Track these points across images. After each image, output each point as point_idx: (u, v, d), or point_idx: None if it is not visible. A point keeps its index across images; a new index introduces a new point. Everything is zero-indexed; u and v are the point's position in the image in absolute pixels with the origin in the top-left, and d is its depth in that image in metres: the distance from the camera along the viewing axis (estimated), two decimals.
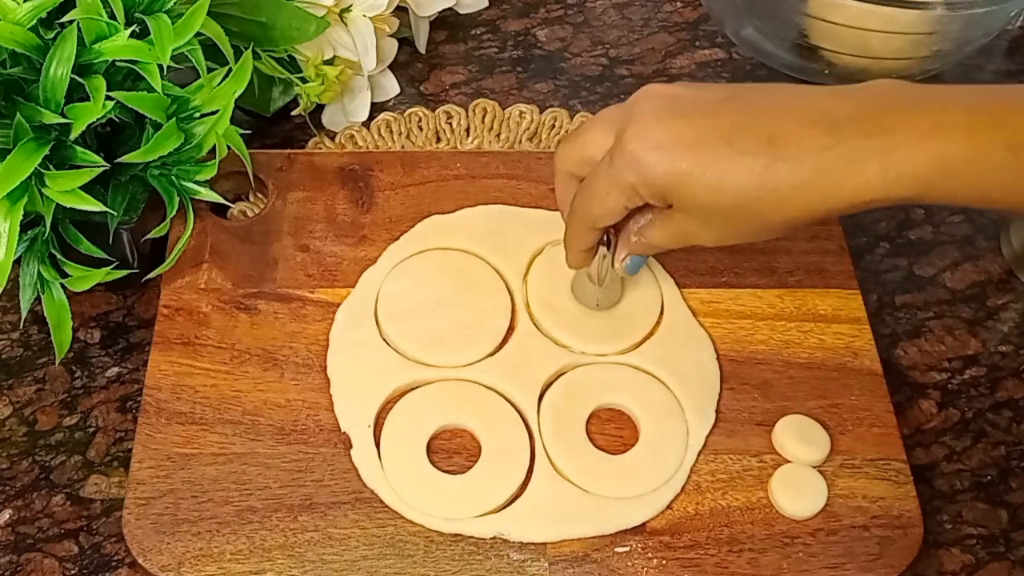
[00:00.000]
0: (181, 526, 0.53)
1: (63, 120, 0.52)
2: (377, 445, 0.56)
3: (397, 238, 0.64)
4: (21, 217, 0.52)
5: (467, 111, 0.74)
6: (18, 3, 0.53)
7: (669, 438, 0.57)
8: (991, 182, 0.45)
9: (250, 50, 0.59)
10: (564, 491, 0.55)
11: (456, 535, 0.53)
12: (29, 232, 0.56)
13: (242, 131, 0.60)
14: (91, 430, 0.59)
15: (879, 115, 0.46)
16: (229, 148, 0.59)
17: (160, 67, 0.54)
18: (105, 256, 0.57)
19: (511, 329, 0.61)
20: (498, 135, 0.73)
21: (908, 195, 0.46)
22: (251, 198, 0.67)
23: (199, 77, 0.57)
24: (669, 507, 0.55)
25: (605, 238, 0.56)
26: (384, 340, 0.60)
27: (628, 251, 0.56)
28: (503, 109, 0.74)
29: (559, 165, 0.56)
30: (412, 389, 0.58)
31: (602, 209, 0.53)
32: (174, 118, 0.56)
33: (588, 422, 0.57)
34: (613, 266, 0.57)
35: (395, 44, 0.75)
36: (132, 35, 0.54)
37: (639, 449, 0.57)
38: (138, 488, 0.54)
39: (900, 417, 0.59)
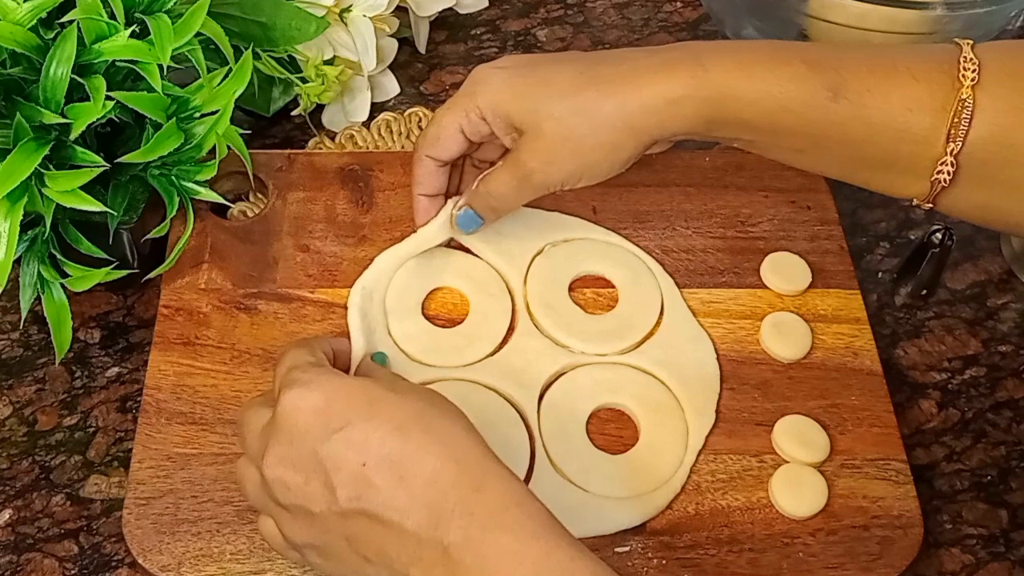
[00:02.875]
0: (181, 526, 0.53)
1: (63, 120, 0.52)
2: None
3: (398, 238, 0.64)
4: (21, 217, 0.52)
5: None
6: (18, 3, 0.53)
7: (669, 438, 0.57)
8: (790, 93, 0.50)
9: (250, 50, 0.59)
10: (564, 491, 0.55)
11: None
12: (29, 232, 0.56)
13: (242, 131, 0.60)
14: (91, 430, 0.59)
15: (689, 46, 0.55)
16: (229, 148, 0.59)
17: (160, 67, 0.54)
18: (105, 256, 0.57)
19: (511, 329, 0.61)
20: None
21: (717, 95, 0.51)
22: (251, 198, 0.67)
23: (199, 77, 0.57)
24: (669, 507, 0.55)
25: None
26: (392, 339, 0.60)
27: (467, 200, 0.58)
28: None
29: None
30: None
31: (439, 129, 0.55)
32: (174, 118, 0.56)
33: (588, 422, 0.57)
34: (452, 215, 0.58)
35: (395, 44, 0.75)
36: (132, 35, 0.54)
37: (639, 449, 0.57)
38: (138, 488, 0.54)
39: (900, 417, 0.59)
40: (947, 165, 0.50)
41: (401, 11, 0.74)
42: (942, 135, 0.49)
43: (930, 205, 0.53)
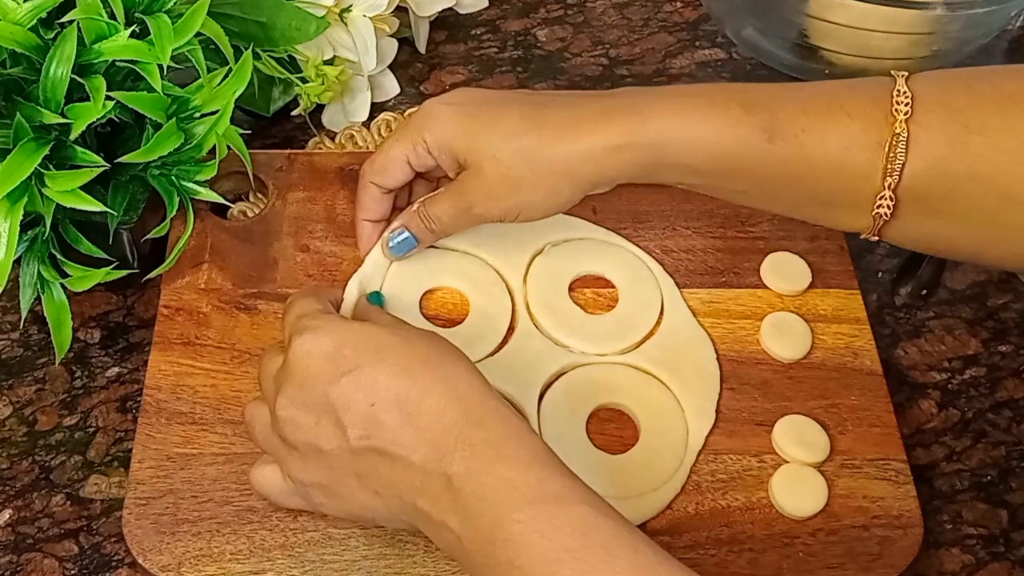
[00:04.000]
0: (181, 526, 0.53)
1: (63, 120, 0.52)
2: None
3: None
4: (21, 217, 0.52)
5: None
6: (18, 3, 0.53)
7: (669, 438, 0.57)
8: (727, 138, 0.52)
9: (250, 50, 0.59)
10: None
11: None
12: (29, 232, 0.56)
13: (242, 131, 0.60)
14: (91, 430, 0.59)
15: (631, 93, 0.56)
16: (229, 148, 0.59)
17: (160, 67, 0.54)
18: (105, 256, 0.57)
19: (511, 329, 0.61)
20: None
21: (656, 142, 0.53)
22: (251, 198, 0.67)
23: (199, 77, 0.57)
24: (669, 507, 0.55)
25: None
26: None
27: (404, 222, 0.59)
28: None
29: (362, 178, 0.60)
30: None
31: (385, 158, 0.57)
32: (174, 118, 0.56)
33: (588, 422, 0.57)
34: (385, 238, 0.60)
35: (395, 44, 0.75)
36: (132, 35, 0.54)
37: (639, 449, 0.57)
38: (138, 488, 0.54)
39: (900, 417, 0.59)
40: (886, 199, 0.51)
41: (401, 11, 0.74)
42: (879, 170, 0.50)
43: (876, 237, 0.54)
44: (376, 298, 0.59)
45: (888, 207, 0.51)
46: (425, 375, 0.46)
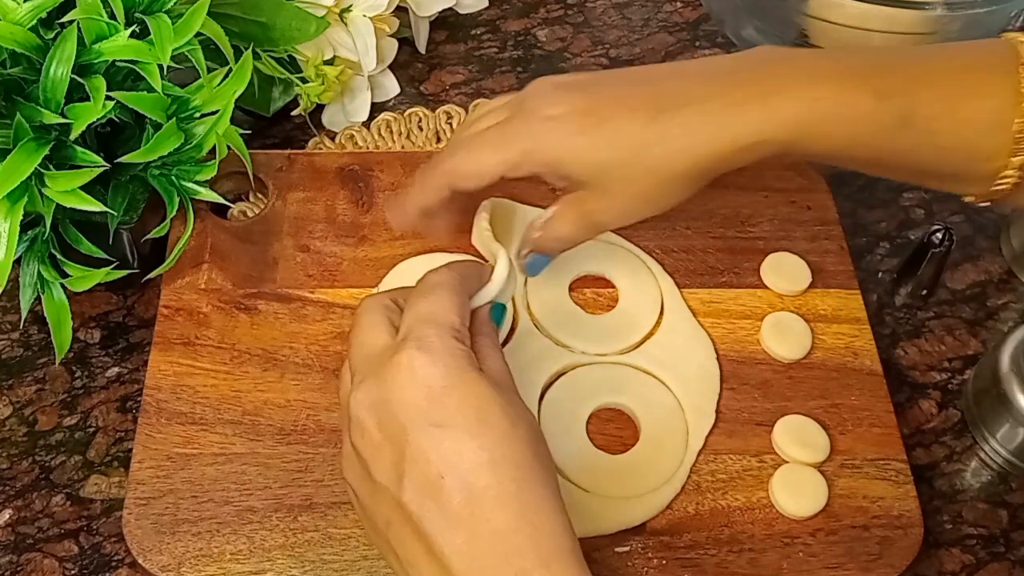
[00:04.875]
0: (181, 526, 0.53)
1: (63, 120, 0.52)
2: None
3: (397, 239, 0.64)
4: (21, 217, 0.52)
5: (467, 111, 0.74)
6: (18, 3, 0.53)
7: (669, 438, 0.57)
8: (859, 128, 0.49)
9: (250, 50, 0.59)
10: (564, 491, 0.54)
11: None
12: (29, 232, 0.56)
13: (242, 131, 0.60)
14: (91, 430, 0.59)
15: (754, 68, 0.50)
16: (229, 148, 0.59)
17: (160, 67, 0.54)
18: (105, 256, 0.57)
19: (512, 329, 0.60)
20: None
21: (787, 138, 0.49)
22: (251, 198, 0.67)
23: (199, 77, 0.57)
24: (669, 507, 0.55)
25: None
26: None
27: (531, 247, 0.55)
28: None
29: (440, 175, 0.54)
30: None
31: (477, 168, 0.51)
32: (174, 118, 0.56)
33: (588, 422, 0.57)
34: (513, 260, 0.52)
35: (395, 44, 0.75)
36: (132, 35, 0.54)
37: (639, 449, 0.57)
38: (138, 488, 0.54)
39: (900, 417, 0.59)
40: (1011, 176, 0.49)
41: (401, 11, 0.74)
42: (1007, 150, 0.49)
43: (986, 203, 0.52)
44: (499, 313, 0.51)
45: (1011, 183, 0.50)
46: (510, 482, 0.40)
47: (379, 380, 0.43)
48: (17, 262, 0.56)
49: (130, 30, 0.54)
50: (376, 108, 0.74)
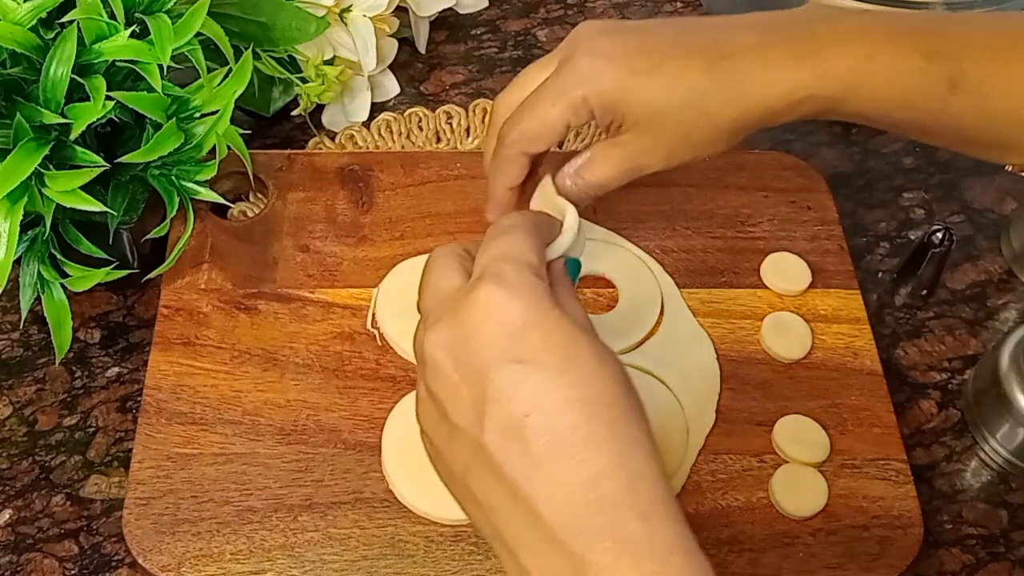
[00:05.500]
0: (181, 526, 0.53)
1: (63, 120, 0.52)
2: (379, 446, 0.56)
3: (397, 238, 0.64)
4: (21, 217, 0.52)
5: (467, 111, 0.74)
6: (18, 3, 0.53)
7: (669, 438, 0.57)
8: (909, 88, 0.48)
9: (250, 50, 0.59)
10: None
11: (456, 535, 0.53)
12: (29, 232, 0.56)
13: (242, 131, 0.60)
14: (91, 430, 0.59)
15: (809, 22, 0.50)
16: (229, 148, 0.59)
17: (160, 67, 0.54)
18: (105, 256, 0.57)
19: None
20: None
21: (837, 93, 0.49)
22: (251, 198, 0.67)
23: (199, 77, 0.57)
24: None
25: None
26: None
27: (565, 194, 0.52)
28: None
29: (496, 116, 0.53)
30: (413, 389, 0.58)
31: (543, 126, 0.50)
32: (174, 118, 0.56)
33: None
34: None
35: (395, 44, 0.75)
36: (132, 35, 0.54)
37: None
38: (138, 488, 0.54)
39: (900, 417, 0.59)
40: None
41: (401, 11, 0.74)
42: None
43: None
44: (574, 267, 0.48)
45: None
46: (603, 425, 0.37)
47: (455, 319, 0.40)
48: (17, 262, 0.56)
49: (130, 30, 0.54)
50: (376, 108, 0.74)
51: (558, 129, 0.50)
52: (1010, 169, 0.53)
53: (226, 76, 0.58)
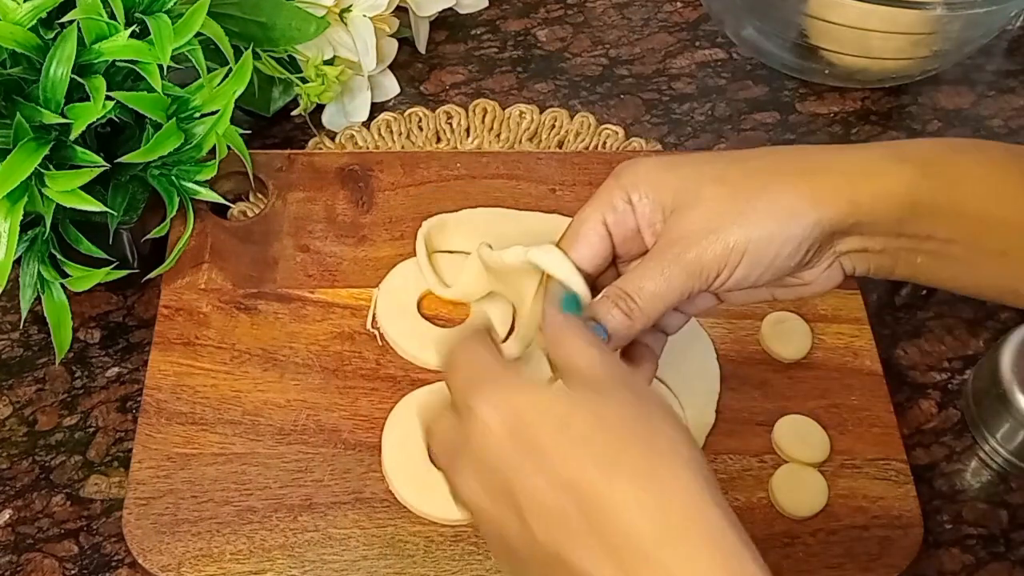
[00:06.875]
0: (181, 526, 0.53)
1: (63, 120, 0.52)
2: (378, 446, 0.56)
3: (397, 238, 0.64)
4: (21, 217, 0.52)
5: (467, 111, 0.74)
6: (18, 3, 0.53)
7: None
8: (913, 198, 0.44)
9: (250, 50, 0.59)
10: None
11: (456, 535, 0.53)
12: (29, 232, 0.56)
13: (242, 131, 0.60)
14: (91, 430, 0.59)
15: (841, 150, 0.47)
16: (229, 148, 0.59)
17: (160, 67, 0.54)
18: (105, 256, 0.57)
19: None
20: (498, 135, 0.73)
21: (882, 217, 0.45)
22: (251, 198, 0.67)
23: (199, 77, 0.57)
24: None
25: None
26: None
27: (594, 313, 0.45)
28: (503, 109, 0.74)
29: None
30: (413, 389, 0.58)
31: (577, 223, 0.47)
32: (174, 118, 0.56)
33: None
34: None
35: (395, 44, 0.75)
36: (132, 35, 0.54)
37: None
38: (138, 488, 0.54)
39: (900, 417, 0.59)
40: None
41: (401, 11, 0.74)
42: None
43: None
44: (572, 303, 0.44)
45: None
46: (623, 477, 0.36)
47: (466, 454, 0.40)
48: (17, 262, 0.56)
49: (130, 30, 0.54)
50: (376, 108, 0.74)
51: (594, 227, 0.46)
52: None
53: (226, 76, 0.58)
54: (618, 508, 0.36)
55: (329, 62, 0.69)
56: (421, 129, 0.73)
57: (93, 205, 0.54)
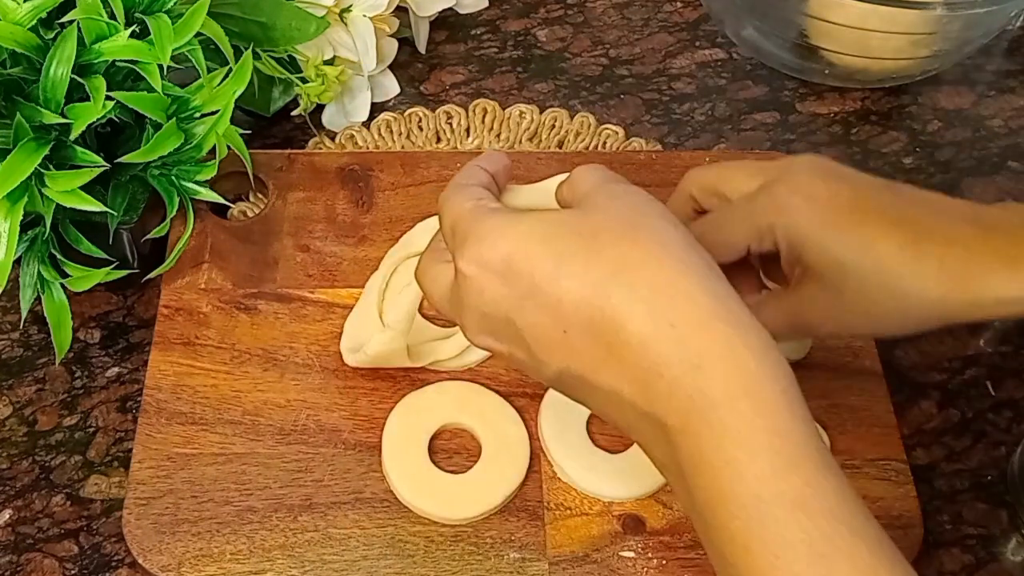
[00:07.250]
0: (181, 526, 0.53)
1: (63, 120, 0.52)
2: (378, 446, 0.56)
3: (397, 238, 0.64)
4: (21, 217, 0.52)
5: (467, 111, 0.74)
6: (18, 3, 0.53)
7: None
8: None
9: (250, 50, 0.59)
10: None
11: (456, 535, 0.53)
12: (29, 232, 0.56)
13: (242, 131, 0.60)
14: (91, 430, 0.59)
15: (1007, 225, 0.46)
16: (229, 148, 0.59)
17: (160, 67, 0.54)
18: (105, 256, 0.57)
19: None
20: (498, 135, 0.73)
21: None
22: (251, 198, 0.67)
23: (199, 77, 0.57)
24: (669, 507, 0.55)
25: None
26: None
27: None
28: (503, 109, 0.74)
29: (683, 183, 0.51)
30: (413, 389, 0.58)
31: (723, 241, 0.47)
32: (174, 118, 0.56)
33: (589, 422, 0.57)
34: None
35: (395, 44, 0.75)
36: (132, 35, 0.54)
37: (639, 449, 0.56)
38: (138, 488, 0.54)
39: (900, 417, 0.59)
40: None
41: (401, 11, 0.74)
42: None
43: None
44: None
45: None
46: (619, 286, 0.37)
47: (465, 305, 0.42)
48: (17, 262, 0.56)
49: (130, 30, 0.54)
50: (376, 108, 0.74)
51: (738, 248, 0.48)
52: None
53: (226, 76, 0.58)
54: (621, 318, 0.36)
55: (329, 62, 0.69)
56: (421, 129, 0.73)
57: (93, 205, 0.54)
